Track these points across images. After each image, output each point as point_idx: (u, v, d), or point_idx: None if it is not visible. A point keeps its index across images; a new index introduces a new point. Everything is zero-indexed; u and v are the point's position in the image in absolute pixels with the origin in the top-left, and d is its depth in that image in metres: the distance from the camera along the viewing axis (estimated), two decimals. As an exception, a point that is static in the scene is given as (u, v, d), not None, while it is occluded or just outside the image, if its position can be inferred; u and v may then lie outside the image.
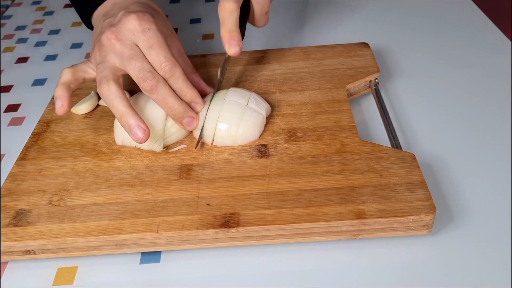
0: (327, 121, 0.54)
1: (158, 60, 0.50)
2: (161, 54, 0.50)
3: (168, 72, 0.51)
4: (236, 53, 0.55)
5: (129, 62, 0.50)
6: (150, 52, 0.51)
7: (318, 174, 0.48)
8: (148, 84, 0.50)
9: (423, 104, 0.61)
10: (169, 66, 0.51)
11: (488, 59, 0.67)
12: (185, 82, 0.52)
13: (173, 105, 0.51)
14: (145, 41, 0.50)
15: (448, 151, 0.53)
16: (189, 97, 0.52)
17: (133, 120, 0.49)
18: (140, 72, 0.50)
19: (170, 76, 0.51)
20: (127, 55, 0.50)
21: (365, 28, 0.77)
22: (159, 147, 0.52)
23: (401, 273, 0.43)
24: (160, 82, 0.50)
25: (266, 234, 0.44)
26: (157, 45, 0.50)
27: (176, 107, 0.51)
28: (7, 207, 0.47)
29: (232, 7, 0.54)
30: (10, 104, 0.67)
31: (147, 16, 0.51)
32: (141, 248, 0.45)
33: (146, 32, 0.50)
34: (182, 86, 0.52)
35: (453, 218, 0.47)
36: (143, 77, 0.50)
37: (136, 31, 0.51)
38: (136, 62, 0.50)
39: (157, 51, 0.50)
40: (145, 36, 0.50)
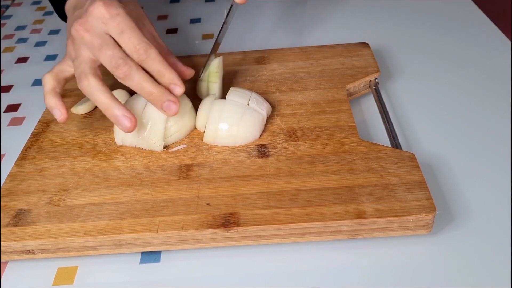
0: (327, 121, 0.54)
1: (132, 43, 0.49)
2: (134, 37, 0.49)
3: (143, 54, 0.49)
4: (242, 2, 0.54)
5: (100, 51, 0.49)
6: (122, 36, 0.49)
7: (318, 174, 0.47)
8: (121, 71, 0.48)
9: (423, 104, 0.61)
10: (143, 48, 0.49)
11: (488, 59, 0.67)
12: (162, 63, 0.50)
13: (150, 90, 0.49)
14: (115, 27, 0.49)
15: (448, 151, 0.53)
16: (168, 79, 0.50)
17: (118, 110, 0.49)
18: (111, 60, 0.49)
19: (146, 57, 0.49)
20: (97, 45, 0.49)
21: (365, 28, 0.77)
22: (160, 147, 0.52)
23: (401, 273, 0.43)
24: (133, 68, 0.49)
25: (266, 234, 0.44)
26: (128, 29, 0.49)
27: (154, 91, 0.49)
28: (7, 207, 0.47)
29: None
30: (10, 104, 0.67)
31: (113, 1, 0.50)
32: (141, 248, 0.45)
33: (115, 17, 0.49)
34: (159, 68, 0.50)
35: (453, 218, 0.47)
36: (115, 65, 0.49)
37: (104, 18, 0.49)
38: (107, 51, 0.49)
39: (129, 34, 0.49)
40: (115, 22, 0.49)
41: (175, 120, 0.52)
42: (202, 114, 0.53)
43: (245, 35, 0.77)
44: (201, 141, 0.53)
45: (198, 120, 0.54)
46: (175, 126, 0.53)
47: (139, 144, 0.52)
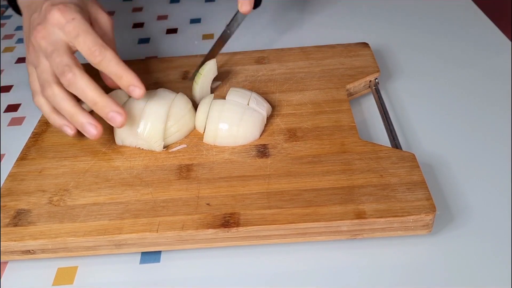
0: (327, 121, 0.54)
1: (87, 46, 0.48)
2: (88, 39, 0.48)
3: (98, 56, 0.48)
4: (247, 11, 0.56)
5: (51, 57, 0.49)
6: (78, 41, 0.49)
7: (318, 174, 0.47)
8: (65, 78, 0.48)
9: (423, 104, 0.61)
10: (98, 50, 0.48)
11: (488, 59, 0.67)
12: (118, 65, 0.49)
13: (94, 99, 0.48)
14: (71, 31, 0.49)
15: (448, 151, 0.53)
16: (126, 81, 0.49)
17: (83, 118, 0.49)
18: (58, 67, 0.48)
19: (101, 59, 0.48)
20: (49, 51, 0.49)
21: (365, 28, 0.77)
22: (160, 146, 0.52)
23: (401, 273, 0.43)
24: (77, 75, 0.48)
25: (266, 234, 0.44)
26: (83, 32, 0.49)
27: (97, 100, 0.48)
28: (7, 207, 0.47)
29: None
30: (10, 104, 0.67)
31: (69, 6, 0.50)
32: (141, 248, 0.45)
33: (71, 22, 0.49)
34: (116, 70, 0.49)
35: (453, 218, 0.47)
36: (60, 72, 0.48)
37: (60, 24, 0.49)
38: (56, 57, 0.49)
39: (84, 37, 0.49)
40: (70, 26, 0.49)
41: (175, 120, 0.52)
42: (201, 114, 0.53)
43: (245, 35, 0.77)
44: (201, 141, 0.53)
45: (197, 120, 0.54)
46: (175, 126, 0.53)
47: (138, 144, 0.52)
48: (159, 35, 0.80)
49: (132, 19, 0.86)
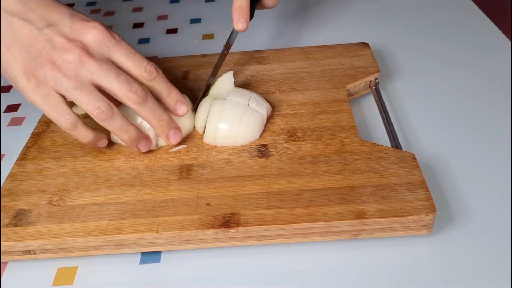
0: (327, 121, 0.54)
1: (140, 66, 0.48)
2: (142, 59, 0.49)
3: (152, 74, 0.49)
4: (243, 29, 0.56)
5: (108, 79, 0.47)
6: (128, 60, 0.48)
7: (318, 174, 0.47)
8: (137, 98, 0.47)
9: (423, 104, 0.61)
10: (152, 69, 0.49)
11: (488, 60, 0.67)
12: (167, 83, 0.50)
13: (161, 115, 0.49)
14: (121, 49, 0.48)
15: (448, 151, 0.53)
16: (174, 97, 0.50)
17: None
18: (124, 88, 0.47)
19: (154, 78, 0.49)
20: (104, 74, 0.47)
21: (365, 28, 0.77)
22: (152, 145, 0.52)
23: (401, 273, 0.43)
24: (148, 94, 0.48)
25: (266, 234, 0.44)
26: (132, 53, 0.48)
27: (164, 117, 0.50)
28: (7, 207, 0.47)
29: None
30: (10, 104, 0.67)
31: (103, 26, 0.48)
32: (141, 248, 0.45)
33: (121, 42, 0.48)
34: (166, 87, 0.50)
35: (453, 218, 0.47)
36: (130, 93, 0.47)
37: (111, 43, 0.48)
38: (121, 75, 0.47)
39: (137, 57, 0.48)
40: (120, 45, 0.48)
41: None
42: (201, 114, 0.53)
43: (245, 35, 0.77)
44: (201, 141, 0.53)
45: (197, 121, 0.54)
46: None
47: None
48: (159, 35, 0.80)
49: (132, 19, 0.86)
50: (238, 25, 0.56)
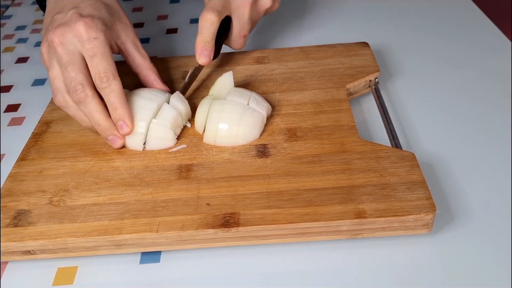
0: (327, 120, 0.54)
1: (97, 70, 0.50)
2: (101, 64, 0.50)
3: (104, 83, 0.50)
4: (205, 63, 0.58)
5: (65, 70, 0.50)
6: (92, 60, 0.50)
7: (318, 174, 0.47)
8: (77, 96, 0.50)
9: (423, 103, 0.61)
10: (106, 77, 0.50)
11: (488, 59, 0.67)
12: (118, 98, 0.51)
13: (99, 121, 0.51)
14: (89, 49, 0.50)
15: (448, 151, 0.53)
16: (117, 115, 0.51)
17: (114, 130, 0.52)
18: (71, 82, 0.50)
19: (105, 87, 0.50)
20: (64, 61, 0.50)
21: (365, 28, 0.77)
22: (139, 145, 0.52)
23: (401, 273, 0.43)
24: (88, 96, 0.50)
25: (266, 234, 0.44)
26: (100, 54, 0.50)
27: (102, 123, 0.51)
28: (7, 207, 0.47)
29: (212, 19, 0.57)
30: (10, 104, 0.67)
31: (96, 22, 0.51)
32: (141, 248, 0.45)
33: (91, 41, 0.50)
34: (114, 101, 0.51)
35: (453, 217, 0.47)
36: (73, 89, 0.50)
37: (82, 39, 0.50)
38: (71, 72, 0.50)
39: (99, 60, 0.50)
40: (90, 45, 0.50)
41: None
42: (201, 114, 0.53)
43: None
44: (201, 141, 0.53)
45: (197, 120, 0.54)
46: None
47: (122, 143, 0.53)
48: (159, 35, 0.80)
49: (132, 19, 0.86)
50: (201, 59, 0.58)
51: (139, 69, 0.57)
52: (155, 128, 0.52)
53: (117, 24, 0.56)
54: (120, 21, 0.56)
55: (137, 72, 0.58)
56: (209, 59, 0.58)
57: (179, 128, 0.54)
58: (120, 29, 0.56)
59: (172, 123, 0.52)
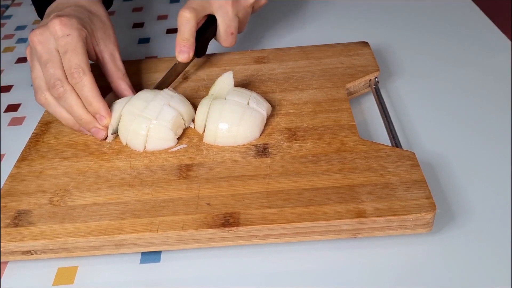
0: (327, 120, 0.54)
1: (68, 66, 0.51)
2: (72, 60, 0.51)
3: (75, 78, 0.51)
4: (184, 60, 0.60)
5: (45, 66, 0.52)
6: (65, 56, 0.52)
7: (318, 173, 0.47)
8: (56, 92, 0.52)
9: (423, 103, 0.61)
10: (77, 73, 0.51)
11: (488, 59, 0.67)
12: (91, 92, 0.52)
13: (80, 115, 0.52)
14: (62, 46, 0.52)
15: (448, 150, 0.53)
16: (93, 109, 0.52)
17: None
18: (50, 79, 0.52)
19: (76, 83, 0.51)
20: (44, 60, 0.52)
21: (365, 27, 0.77)
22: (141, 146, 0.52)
23: (401, 272, 0.43)
24: (67, 91, 0.52)
25: (266, 234, 0.44)
26: (72, 50, 0.51)
27: (83, 116, 0.52)
28: (8, 207, 0.47)
29: (188, 16, 0.58)
30: (10, 104, 0.67)
31: (72, 21, 0.53)
32: (141, 248, 0.45)
33: (65, 37, 0.52)
34: (87, 96, 0.52)
35: (454, 217, 0.47)
36: (52, 84, 0.52)
37: (56, 36, 0.52)
38: (50, 68, 0.52)
39: (70, 56, 0.51)
40: (63, 41, 0.52)
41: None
42: (201, 114, 0.53)
43: (245, 35, 0.77)
44: (201, 141, 0.53)
45: (197, 120, 0.54)
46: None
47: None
48: (159, 35, 0.80)
49: (132, 19, 0.86)
50: (180, 56, 0.60)
51: (111, 79, 0.58)
52: (155, 128, 0.52)
53: (98, 32, 0.57)
54: (103, 30, 0.58)
55: (109, 81, 0.58)
56: (188, 56, 0.59)
57: (180, 129, 0.54)
58: (100, 37, 0.57)
59: (172, 124, 0.52)
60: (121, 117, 0.53)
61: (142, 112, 0.52)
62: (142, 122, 0.52)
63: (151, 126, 0.52)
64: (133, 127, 0.52)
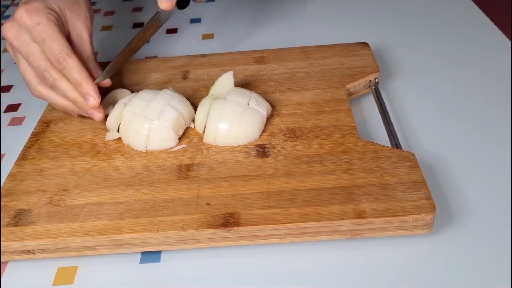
0: (327, 120, 0.54)
1: (51, 53, 0.51)
2: (53, 47, 0.51)
3: (61, 64, 0.51)
4: (167, 7, 0.55)
5: (28, 60, 0.53)
6: (44, 45, 0.52)
7: (318, 174, 0.47)
8: (48, 83, 0.53)
9: (423, 103, 0.61)
10: (62, 58, 0.51)
11: (488, 59, 0.67)
12: (78, 73, 0.52)
13: (75, 97, 0.53)
14: (37, 36, 0.52)
15: (448, 151, 0.53)
16: (82, 90, 0.53)
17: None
18: (38, 72, 0.53)
19: (63, 67, 0.52)
20: (24, 54, 0.53)
21: (365, 28, 0.77)
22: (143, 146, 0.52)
23: (401, 273, 0.43)
24: (57, 79, 0.52)
25: (266, 234, 0.44)
26: (48, 38, 0.51)
27: (77, 99, 0.53)
28: (7, 207, 0.47)
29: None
30: (10, 104, 0.67)
31: (37, 7, 0.52)
32: (141, 247, 0.45)
33: (36, 27, 0.52)
34: (75, 78, 0.52)
35: (453, 217, 0.47)
36: (41, 78, 0.53)
37: (28, 27, 0.52)
38: (33, 62, 0.52)
39: (49, 44, 0.51)
40: (36, 31, 0.52)
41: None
42: (201, 114, 0.53)
43: (245, 35, 0.77)
44: (201, 141, 0.53)
45: (197, 120, 0.54)
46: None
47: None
48: (159, 35, 0.80)
49: (132, 19, 0.86)
50: (162, 3, 0.55)
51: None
52: (156, 128, 0.52)
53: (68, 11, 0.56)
54: (73, 9, 0.56)
55: None
56: (170, 3, 0.55)
57: (181, 129, 0.54)
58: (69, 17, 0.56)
59: (173, 124, 0.52)
60: (123, 117, 0.53)
61: (143, 111, 0.52)
62: (144, 122, 0.52)
63: (152, 126, 0.52)
64: (134, 127, 0.52)
